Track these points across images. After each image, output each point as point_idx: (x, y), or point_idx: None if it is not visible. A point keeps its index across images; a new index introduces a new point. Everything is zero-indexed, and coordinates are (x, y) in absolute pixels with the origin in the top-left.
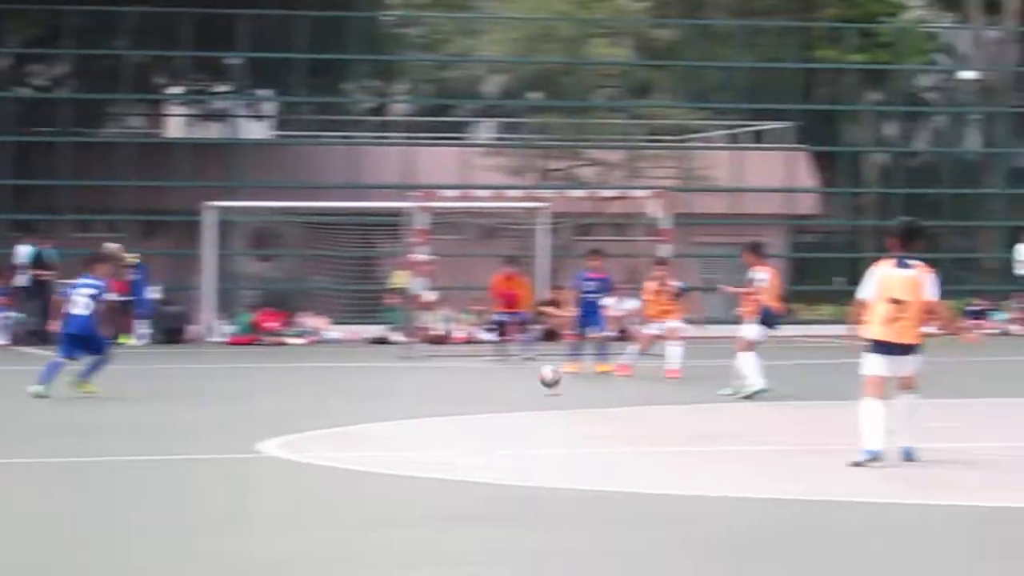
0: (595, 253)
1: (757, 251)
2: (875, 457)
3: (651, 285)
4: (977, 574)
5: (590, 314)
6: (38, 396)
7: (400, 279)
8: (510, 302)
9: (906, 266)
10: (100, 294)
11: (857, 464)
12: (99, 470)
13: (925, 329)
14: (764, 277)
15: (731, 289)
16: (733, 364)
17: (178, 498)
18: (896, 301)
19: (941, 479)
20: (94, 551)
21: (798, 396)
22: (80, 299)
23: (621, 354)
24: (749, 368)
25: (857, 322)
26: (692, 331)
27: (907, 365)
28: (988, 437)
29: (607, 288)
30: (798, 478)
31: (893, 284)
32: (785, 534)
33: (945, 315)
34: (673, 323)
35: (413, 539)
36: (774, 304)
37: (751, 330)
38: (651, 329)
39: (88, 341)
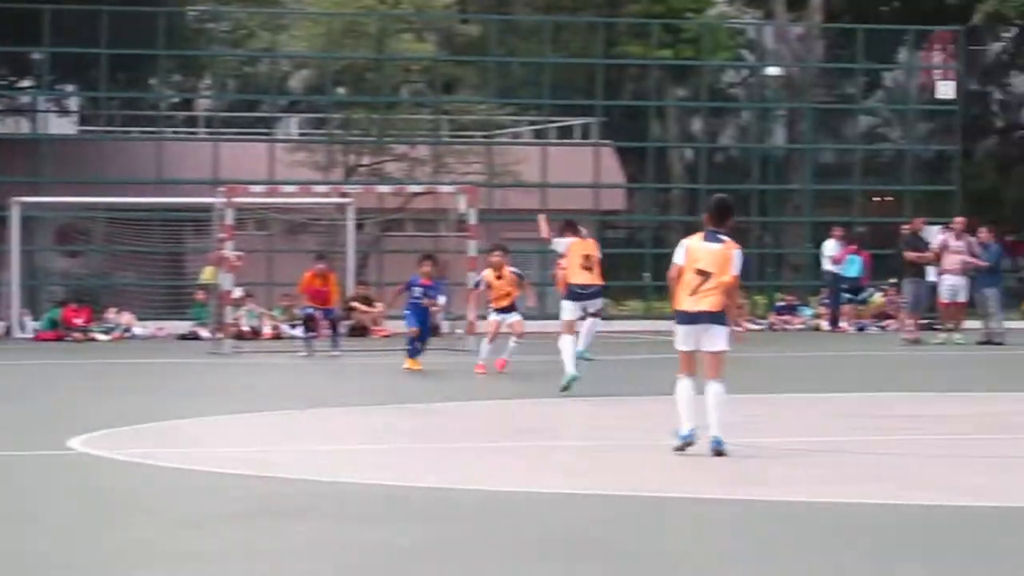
0: (427, 259)
1: (571, 227)
2: (689, 439)
3: (489, 274)
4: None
5: (416, 315)
6: None
7: (209, 275)
8: (319, 298)
9: (715, 240)
10: None
11: (677, 449)
12: None
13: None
14: (564, 244)
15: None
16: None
17: None
18: (701, 272)
19: (746, 473)
20: None
21: (611, 392)
22: None
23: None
24: (565, 354)
25: (672, 289)
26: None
27: (713, 340)
28: (791, 432)
29: (437, 293)
30: (609, 473)
31: (700, 255)
32: (595, 530)
33: (737, 297)
34: (515, 316)
35: (225, 535)
36: (579, 279)
37: (564, 310)
38: (495, 318)
39: None
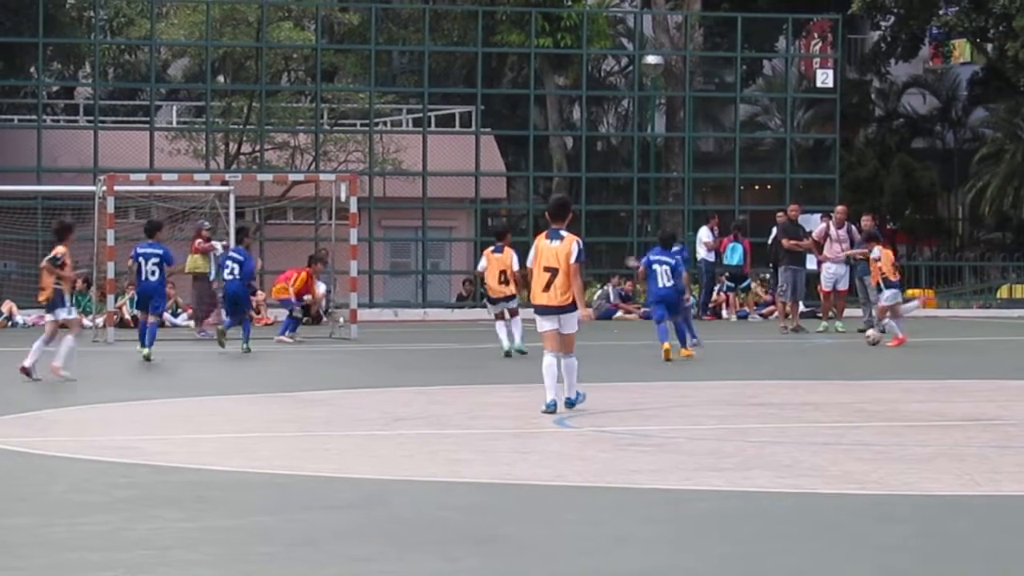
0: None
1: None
2: (552, 408)
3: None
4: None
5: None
6: None
7: (192, 264)
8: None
9: (557, 237)
10: None
11: (544, 412)
12: None
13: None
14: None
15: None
16: None
17: None
18: (548, 269)
19: (618, 462)
20: None
21: (493, 380)
22: None
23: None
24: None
25: (528, 287)
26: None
27: (566, 326)
28: (667, 421)
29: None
30: (487, 461)
31: (547, 254)
32: (470, 516)
33: (579, 282)
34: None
35: (105, 522)
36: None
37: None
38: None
39: None
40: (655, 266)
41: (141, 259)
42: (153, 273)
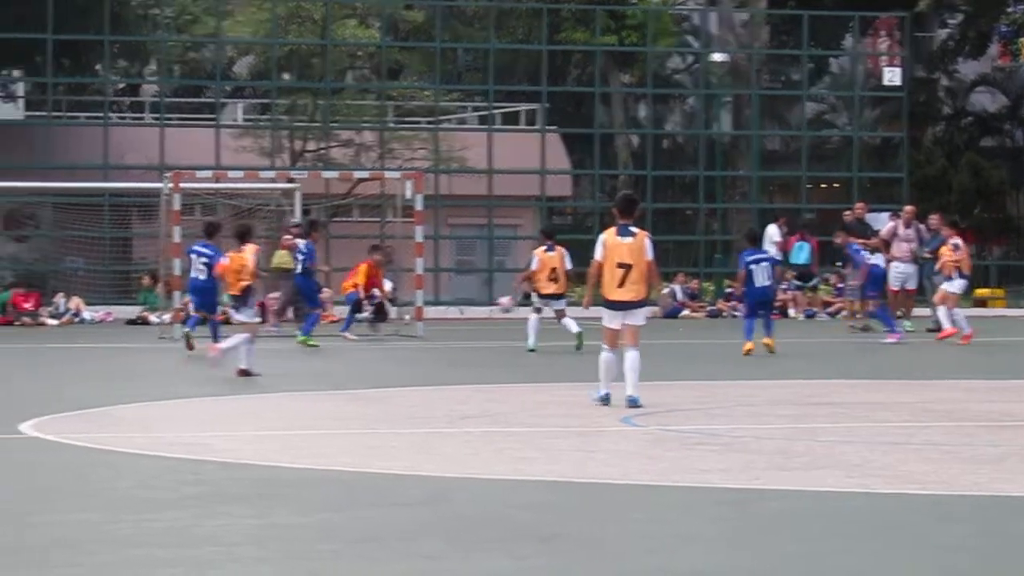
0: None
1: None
2: (605, 400)
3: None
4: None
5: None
6: None
7: (280, 259)
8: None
9: (628, 234)
10: None
11: (595, 401)
12: None
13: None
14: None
15: None
16: None
17: None
18: (621, 265)
19: (690, 461)
20: None
21: (556, 379)
22: None
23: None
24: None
25: (594, 282)
26: None
27: (633, 318)
28: (736, 420)
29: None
30: (552, 459)
31: (619, 250)
32: (536, 514)
33: (657, 278)
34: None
35: (172, 519)
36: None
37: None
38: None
39: None
40: (752, 266)
41: (193, 256)
42: (201, 271)
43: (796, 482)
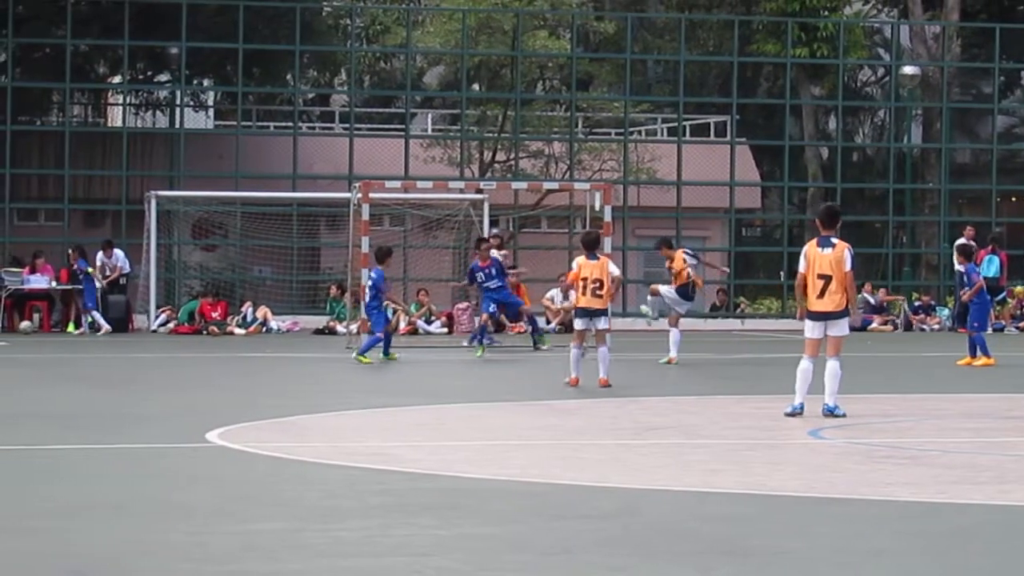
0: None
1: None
2: (799, 411)
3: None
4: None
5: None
6: None
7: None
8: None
9: (828, 244)
10: None
11: (787, 415)
12: (54, 458)
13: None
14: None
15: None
16: None
17: (131, 487)
18: (821, 276)
19: (875, 474)
20: (44, 538)
21: (746, 391)
22: None
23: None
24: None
25: (801, 293)
26: None
27: (835, 329)
28: (922, 433)
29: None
30: (741, 472)
31: (820, 261)
32: (727, 526)
33: (853, 290)
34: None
35: (360, 528)
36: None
37: None
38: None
39: None
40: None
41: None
42: (367, 295)
43: (983, 496)
